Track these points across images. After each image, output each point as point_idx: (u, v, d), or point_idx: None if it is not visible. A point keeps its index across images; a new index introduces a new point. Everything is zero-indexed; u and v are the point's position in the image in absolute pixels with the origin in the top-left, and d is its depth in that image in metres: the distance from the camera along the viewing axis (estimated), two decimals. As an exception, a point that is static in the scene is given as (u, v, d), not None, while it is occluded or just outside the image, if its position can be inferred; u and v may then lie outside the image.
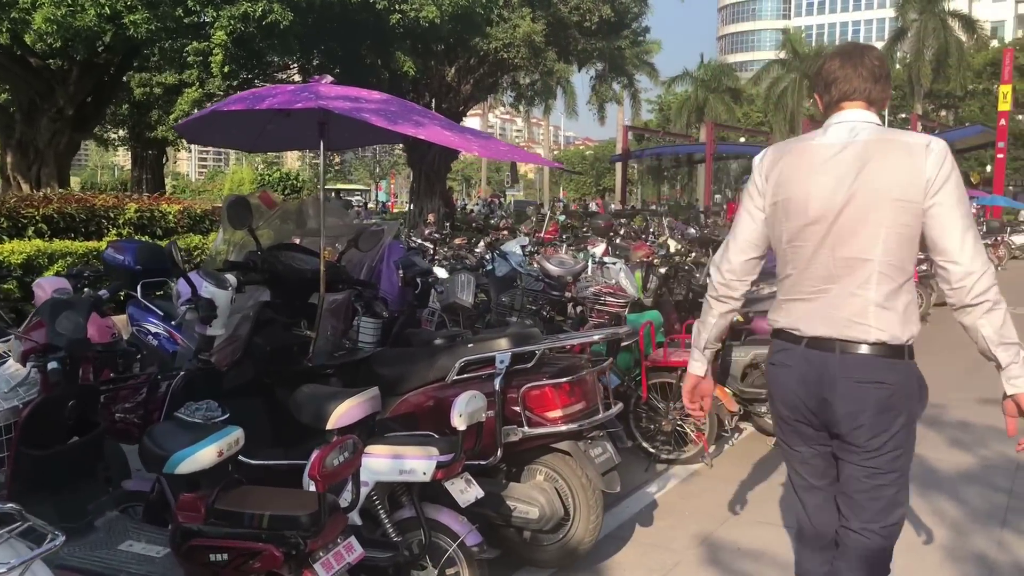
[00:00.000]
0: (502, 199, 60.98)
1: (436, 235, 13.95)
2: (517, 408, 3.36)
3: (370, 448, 3.03)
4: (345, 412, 3.06)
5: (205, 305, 3.34)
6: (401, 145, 38.82)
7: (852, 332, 2.25)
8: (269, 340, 3.84)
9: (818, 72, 2.47)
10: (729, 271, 2.50)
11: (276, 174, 65.60)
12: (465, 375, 3.50)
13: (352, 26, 17.17)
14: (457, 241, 13.02)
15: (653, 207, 44.33)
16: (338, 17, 16.20)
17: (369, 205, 55.11)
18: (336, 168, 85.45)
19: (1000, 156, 27.41)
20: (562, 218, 18.30)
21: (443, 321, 6.37)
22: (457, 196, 71.30)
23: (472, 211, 38.62)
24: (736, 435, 5.78)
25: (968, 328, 2.24)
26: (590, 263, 6.03)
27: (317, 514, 2.54)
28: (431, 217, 15.69)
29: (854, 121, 2.33)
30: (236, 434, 2.77)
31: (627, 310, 6.17)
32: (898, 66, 46.64)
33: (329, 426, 3.08)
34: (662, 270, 6.64)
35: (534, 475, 3.54)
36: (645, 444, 5.21)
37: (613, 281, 5.68)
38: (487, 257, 7.58)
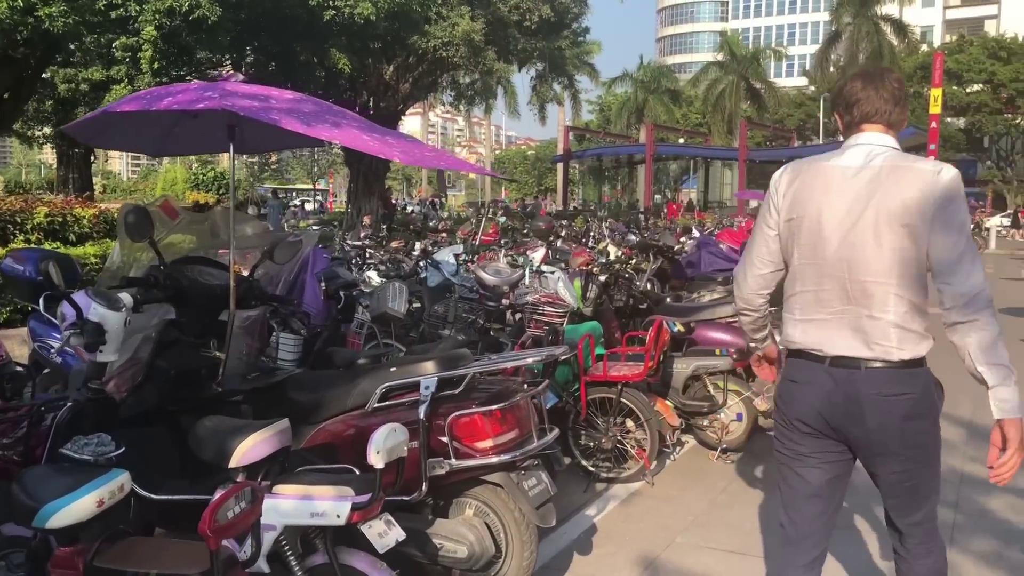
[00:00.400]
0: (443, 199, 60.52)
1: (371, 238, 13.59)
2: (444, 438, 3.08)
3: (278, 488, 2.73)
4: (249, 449, 2.75)
5: (91, 330, 2.99)
6: (337, 144, 38.19)
7: (875, 352, 2.32)
8: (174, 363, 3.50)
9: (839, 92, 2.52)
10: (745, 285, 2.59)
11: (211, 173, 63.87)
12: (387, 402, 3.21)
13: (286, 22, 16.65)
14: (394, 244, 12.66)
15: (592, 208, 44.35)
16: (271, 13, 15.67)
17: (308, 205, 54.04)
18: (272, 167, 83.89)
19: (932, 158, 28.06)
20: (502, 220, 18.03)
21: (373, 333, 6.06)
22: (397, 196, 70.57)
23: (412, 212, 38.10)
24: (678, 449, 5.59)
25: (957, 347, 2.29)
26: (527, 272, 5.77)
27: (210, 573, 2.23)
28: (367, 219, 15.28)
29: (872, 144, 2.40)
30: (119, 480, 2.45)
31: (566, 320, 5.95)
32: (832, 69, 47.57)
33: (232, 464, 2.76)
34: (602, 278, 6.42)
35: (463, 510, 3.27)
36: (584, 462, 4.99)
37: (551, 290, 5.44)
38: (422, 263, 7.28)
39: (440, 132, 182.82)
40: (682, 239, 12.71)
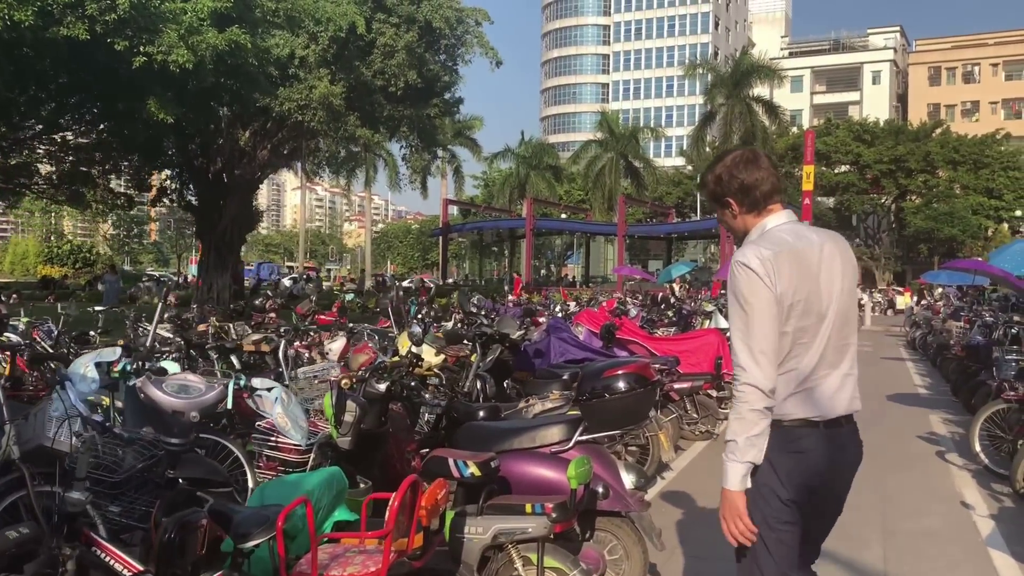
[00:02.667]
0: (317, 272, 57.95)
1: (172, 321, 11.36)
2: None
3: None
4: None
5: None
6: (188, 214, 35.28)
7: (852, 406, 2.53)
8: None
9: (734, 182, 2.52)
10: (773, 379, 2.39)
11: (66, 246, 59.22)
12: None
13: (103, 73, 14.41)
14: (200, 328, 10.47)
15: (471, 283, 42.87)
16: (70, 58, 13.43)
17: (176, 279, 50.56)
18: (149, 245, 79.46)
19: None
20: (350, 296, 16.03)
21: (22, 479, 3.95)
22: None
23: (283, 286, 35.60)
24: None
25: None
26: (230, 387, 3.77)
27: None
28: (173, 297, 12.99)
29: (791, 221, 2.53)
30: None
31: (312, 458, 4.00)
32: (708, 149, 48.21)
33: None
34: (380, 387, 4.45)
35: None
36: None
37: (270, 416, 3.47)
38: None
39: (328, 206, 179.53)
40: (540, 320, 11.14)
